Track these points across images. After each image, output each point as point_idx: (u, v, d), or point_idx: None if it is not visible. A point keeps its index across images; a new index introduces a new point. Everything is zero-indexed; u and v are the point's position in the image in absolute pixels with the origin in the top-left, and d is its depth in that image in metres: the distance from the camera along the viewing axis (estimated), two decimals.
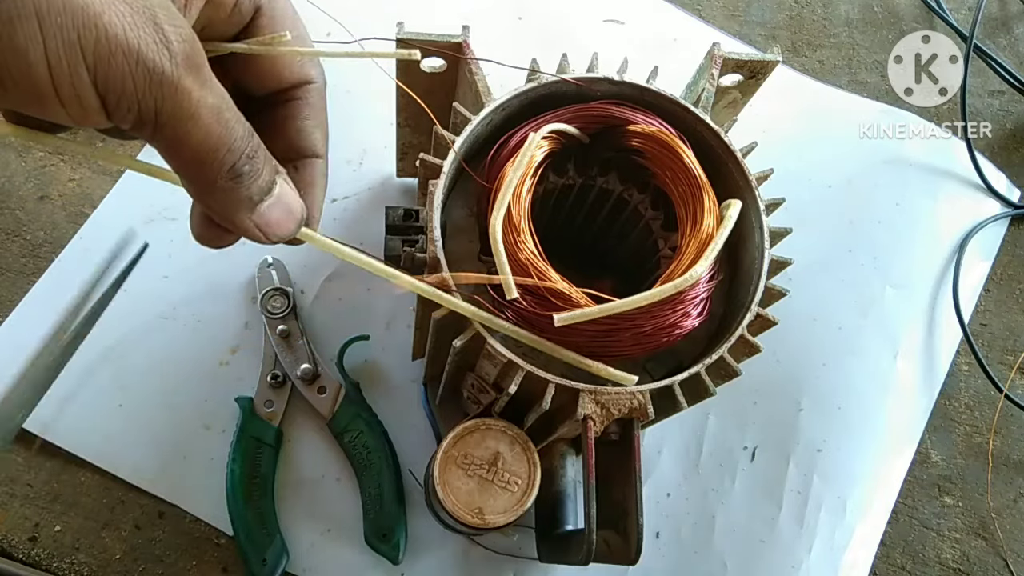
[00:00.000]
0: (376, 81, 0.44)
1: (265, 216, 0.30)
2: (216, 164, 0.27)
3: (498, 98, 0.43)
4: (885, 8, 0.77)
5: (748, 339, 0.41)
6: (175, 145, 0.26)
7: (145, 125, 0.25)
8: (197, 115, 0.25)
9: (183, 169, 0.27)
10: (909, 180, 0.69)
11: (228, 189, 0.28)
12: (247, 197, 0.29)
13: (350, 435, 0.54)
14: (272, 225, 0.30)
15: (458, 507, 0.42)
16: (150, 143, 0.26)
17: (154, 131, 0.25)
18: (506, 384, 0.40)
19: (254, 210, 0.29)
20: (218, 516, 0.53)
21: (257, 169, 0.28)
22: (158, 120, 0.25)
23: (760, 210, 0.43)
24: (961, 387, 0.64)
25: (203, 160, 0.27)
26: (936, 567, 0.59)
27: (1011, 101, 0.74)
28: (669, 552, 0.56)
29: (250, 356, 0.56)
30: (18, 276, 0.57)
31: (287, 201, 0.31)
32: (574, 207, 0.50)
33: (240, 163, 0.27)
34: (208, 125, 0.26)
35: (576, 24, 0.71)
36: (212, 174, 0.27)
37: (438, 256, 0.39)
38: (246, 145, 0.28)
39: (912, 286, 0.66)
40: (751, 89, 0.50)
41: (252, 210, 0.29)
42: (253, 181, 0.28)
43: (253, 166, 0.28)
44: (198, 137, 0.26)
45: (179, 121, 0.25)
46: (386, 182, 0.63)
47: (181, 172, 0.28)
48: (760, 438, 0.59)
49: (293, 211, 0.31)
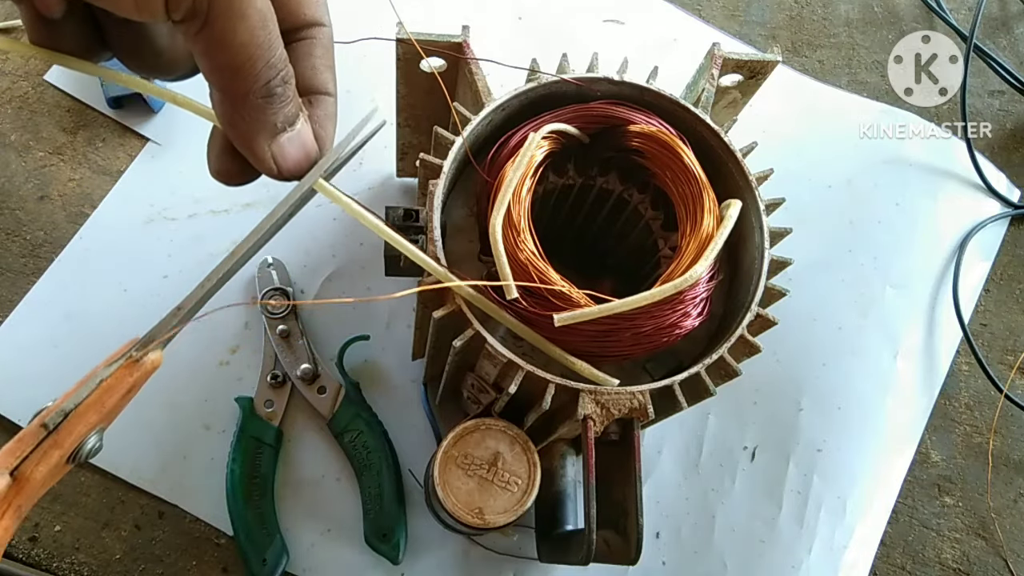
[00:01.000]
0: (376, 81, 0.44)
1: (284, 148, 0.30)
2: (253, 75, 0.27)
3: (498, 98, 0.43)
4: (885, 8, 0.77)
5: (748, 339, 0.41)
6: (218, 44, 0.26)
7: (196, 17, 0.25)
8: (246, 15, 0.26)
9: (220, 73, 0.27)
10: (909, 180, 0.69)
11: (258, 107, 0.28)
12: (273, 122, 0.29)
13: (350, 435, 0.54)
14: (288, 159, 0.31)
15: (458, 507, 0.42)
16: (193, 44, 0.26)
17: (203, 25, 0.25)
18: (506, 384, 0.40)
19: (275, 138, 0.30)
20: (218, 516, 0.53)
21: (288, 96, 0.29)
22: (210, 12, 0.25)
23: (760, 210, 0.43)
24: (961, 387, 0.64)
25: (241, 66, 0.27)
26: (936, 567, 0.59)
27: (1011, 101, 0.74)
28: (669, 552, 0.56)
29: (250, 356, 0.56)
30: (18, 276, 0.57)
31: (305, 139, 0.31)
32: (574, 207, 0.50)
33: (275, 82, 0.28)
34: (254, 28, 0.26)
35: (576, 24, 0.71)
36: (247, 85, 0.27)
37: (438, 256, 0.39)
38: (284, 67, 0.28)
39: (912, 286, 0.66)
40: (751, 89, 0.50)
41: (273, 137, 0.30)
42: (282, 106, 0.29)
43: (285, 91, 0.29)
44: (243, 38, 0.26)
45: (228, 17, 0.25)
46: (386, 182, 0.63)
47: (216, 78, 0.28)
48: (760, 438, 0.59)
49: (309, 151, 0.32)
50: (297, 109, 0.31)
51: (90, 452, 0.28)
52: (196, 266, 0.58)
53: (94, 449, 0.28)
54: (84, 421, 0.27)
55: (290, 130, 0.30)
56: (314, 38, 0.33)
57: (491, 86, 0.44)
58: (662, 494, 0.57)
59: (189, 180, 0.61)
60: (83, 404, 0.27)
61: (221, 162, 0.32)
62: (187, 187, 0.60)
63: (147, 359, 0.28)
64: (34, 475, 0.26)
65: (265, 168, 0.31)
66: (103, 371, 0.28)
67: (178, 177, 0.61)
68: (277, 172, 0.31)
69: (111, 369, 0.28)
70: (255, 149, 0.30)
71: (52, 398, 0.29)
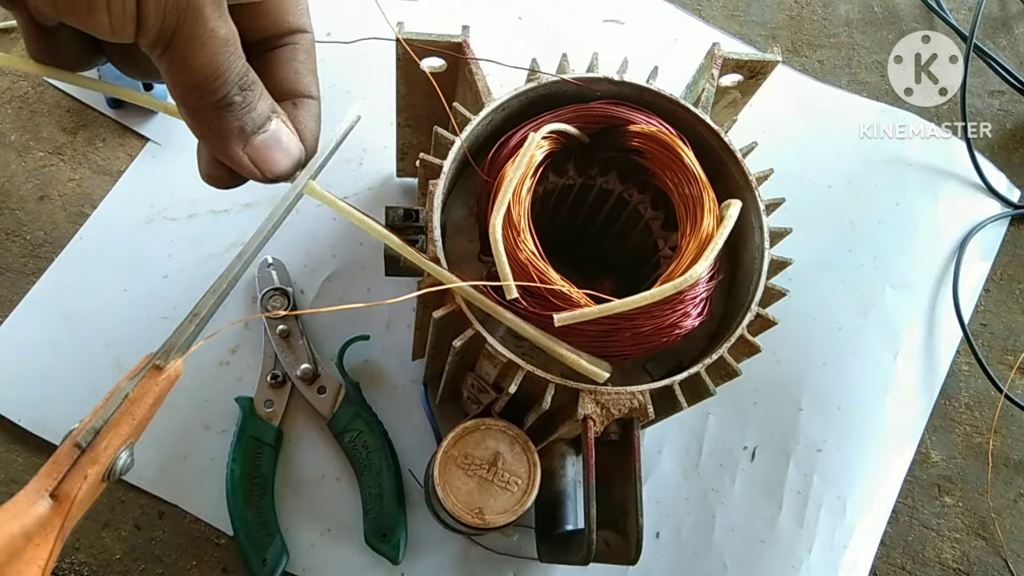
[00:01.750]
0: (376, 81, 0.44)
1: (259, 150, 0.31)
2: (208, 91, 0.29)
3: (498, 98, 0.43)
4: (885, 8, 0.77)
5: (748, 339, 0.41)
6: (179, 66, 0.28)
7: (161, 42, 0.27)
8: (206, 43, 0.28)
9: (179, 91, 0.30)
10: (909, 180, 0.69)
11: (219, 117, 0.30)
12: (239, 127, 0.31)
13: (350, 435, 0.54)
14: (267, 160, 0.32)
15: (458, 507, 0.42)
16: (158, 64, 0.29)
17: (165, 49, 0.28)
18: (506, 384, 0.40)
19: (247, 142, 0.31)
20: (218, 516, 0.53)
21: (250, 102, 0.31)
22: (174, 39, 0.27)
23: (760, 210, 0.43)
24: (961, 387, 0.64)
25: (198, 85, 0.29)
26: (936, 567, 0.59)
27: (1011, 101, 0.74)
28: (669, 552, 0.56)
29: (250, 356, 0.56)
30: (18, 276, 0.57)
31: (283, 139, 0.32)
32: (574, 207, 0.50)
33: (232, 93, 0.30)
34: (213, 53, 0.28)
35: (576, 24, 0.71)
36: (204, 99, 0.29)
37: (438, 256, 0.39)
38: (240, 79, 0.30)
39: (912, 286, 0.66)
40: (751, 89, 0.50)
41: (245, 141, 0.31)
42: (244, 112, 0.30)
43: (245, 98, 0.30)
44: (201, 61, 0.28)
45: (190, 44, 0.28)
46: (386, 182, 0.63)
47: (177, 93, 0.30)
48: (760, 438, 0.60)
49: (289, 150, 0.33)
50: (268, 112, 0.32)
51: (123, 468, 0.28)
52: (196, 266, 0.58)
53: (126, 465, 0.29)
54: (117, 434, 0.28)
55: (262, 132, 0.31)
56: (296, 44, 0.35)
57: (491, 86, 0.44)
58: (662, 494, 0.57)
59: (189, 180, 0.60)
60: (113, 418, 0.28)
61: (210, 167, 0.34)
62: (187, 187, 0.60)
63: (169, 367, 0.29)
64: (74, 495, 0.27)
65: (247, 172, 0.32)
66: (127, 384, 0.28)
67: (178, 177, 0.61)
68: (260, 175, 0.32)
69: (135, 381, 0.28)
70: (230, 155, 0.31)
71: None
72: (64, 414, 0.53)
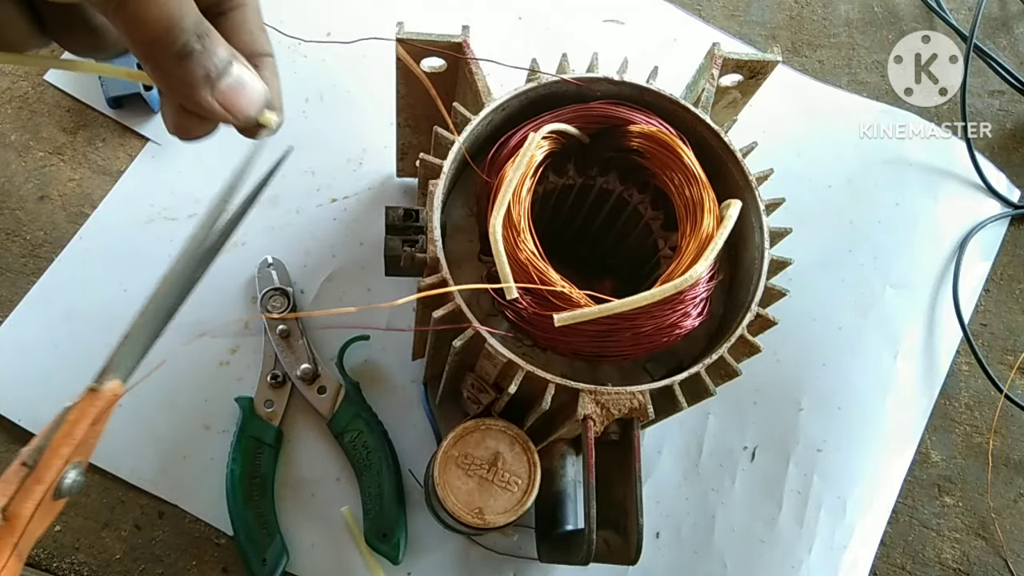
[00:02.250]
0: (376, 82, 0.44)
1: (227, 94, 0.32)
2: (168, 42, 0.29)
3: (498, 98, 0.43)
4: (885, 8, 0.77)
5: (748, 339, 0.41)
6: (133, 21, 0.28)
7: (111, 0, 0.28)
8: None
9: (140, 48, 0.30)
10: (909, 180, 0.69)
11: (182, 67, 0.30)
12: (203, 74, 0.31)
13: (350, 435, 0.54)
14: (237, 104, 0.32)
15: (458, 507, 0.42)
16: (113, 22, 0.29)
17: (117, 7, 0.28)
18: (506, 384, 0.40)
19: (215, 87, 0.31)
20: (218, 516, 0.53)
21: (209, 48, 0.31)
22: None
23: (760, 210, 0.43)
24: (961, 387, 0.64)
25: (156, 38, 0.29)
26: (936, 567, 0.59)
27: (1011, 101, 0.74)
28: (669, 552, 0.56)
29: (250, 356, 0.56)
30: (18, 276, 0.57)
31: (247, 81, 0.33)
32: (574, 207, 0.50)
33: (191, 41, 0.30)
34: (164, 3, 0.28)
35: (576, 24, 0.71)
36: (165, 52, 0.30)
37: (438, 256, 0.39)
38: (196, 27, 0.30)
39: (912, 286, 0.66)
40: (751, 89, 0.50)
41: (213, 87, 0.31)
42: (206, 59, 0.31)
43: (204, 44, 0.30)
44: (154, 13, 0.28)
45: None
46: (386, 182, 0.63)
47: (137, 50, 0.30)
48: (760, 438, 0.60)
49: (256, 89, 0.33)
50: (228, 56, 0.32)
51: (72, 487, 0.29)
52: None
53: (75, 484, 0.29)
54: (58, 455, 0.29)
55: (227, 77, 0.32)
56: (245, 5, 0.35)
57: (491, 86, 0.44)
58: (662, 494, 0.57)
59: (189, 180, 0.61)
60: (55, 438, 0.29)
61: (178, 117, 0.34)
62: (187, 187, 0.60)
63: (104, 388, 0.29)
64: (23, 512, 0.28)
65: (219, 117, 0.33)
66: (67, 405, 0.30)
67: (178, 177, 0.61)
68: (232, 118, 0.33)
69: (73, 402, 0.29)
70: (200, 103, 0.32)
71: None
72: None
